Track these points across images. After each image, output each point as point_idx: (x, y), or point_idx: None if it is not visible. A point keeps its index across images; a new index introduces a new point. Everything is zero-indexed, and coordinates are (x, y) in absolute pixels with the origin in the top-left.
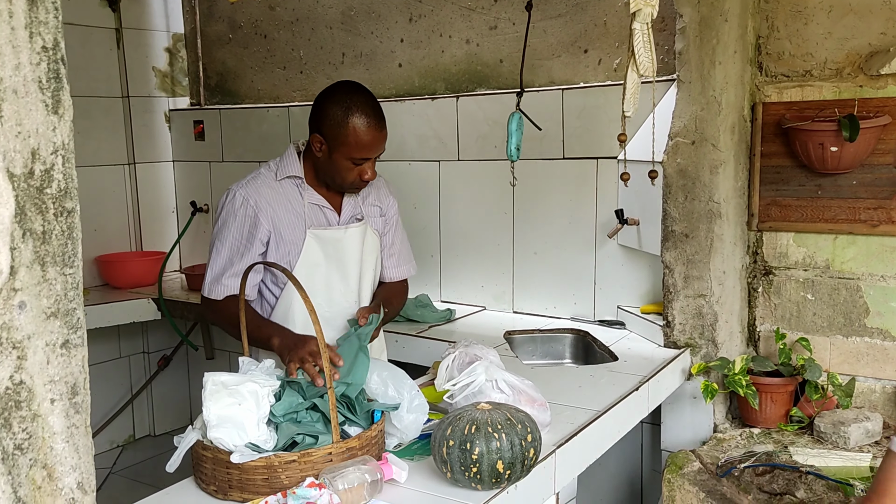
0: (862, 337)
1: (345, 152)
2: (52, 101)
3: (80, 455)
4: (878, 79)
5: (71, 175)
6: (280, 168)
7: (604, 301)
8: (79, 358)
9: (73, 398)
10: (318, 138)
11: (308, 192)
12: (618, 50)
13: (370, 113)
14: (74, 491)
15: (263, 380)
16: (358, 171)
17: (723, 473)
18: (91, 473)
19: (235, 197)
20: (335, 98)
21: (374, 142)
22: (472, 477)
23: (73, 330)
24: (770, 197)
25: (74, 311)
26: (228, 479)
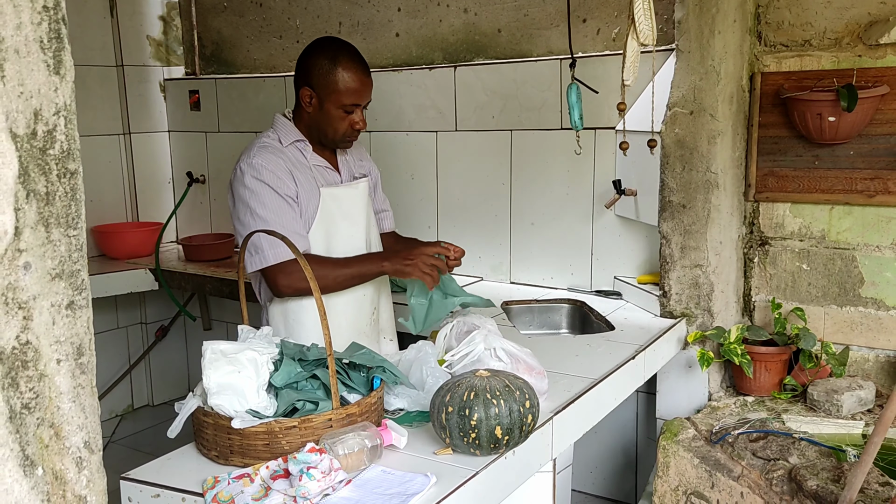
0: (856, 307)
1: (336, 100)
2: (54, 61)
3: (87, 415)
4: (876, 48)
5: (73, 136)
6: (282, 135)
7: (601, 271)
8: (84, 319)
9: (79, 359)
10: (308, 91)
11: (311, 154)
12: (616, 19)
13: (357, 59)
14: (81, 450)
15: (262, 347)
16: (349, 121)
17: (717, 440)
18: (98, 433)
19: (255, 166)
20: (320, 50)
21: (363, 87)
22: (470, 443)
23: (78, 291)
24: (767, 167)
25: (79, 272)
26: (230, 445)
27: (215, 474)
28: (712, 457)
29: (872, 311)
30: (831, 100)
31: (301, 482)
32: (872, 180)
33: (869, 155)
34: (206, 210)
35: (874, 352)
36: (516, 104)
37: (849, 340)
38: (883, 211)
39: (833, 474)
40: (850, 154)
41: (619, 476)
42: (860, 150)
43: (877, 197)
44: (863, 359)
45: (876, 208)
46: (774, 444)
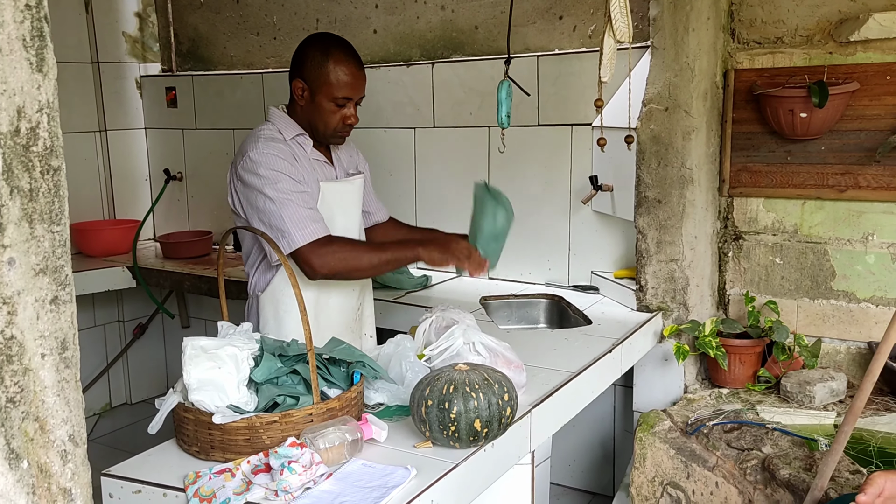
0: (828, 299)
1: (328, 93)
2: (37, 59)
3: (71, 408)
4: (847, 45)
5: (56, 133)
6: (282, 128)
7: (578, 267)
8: (68, 314)
9: (63, 353)
10: (300, 84)
11: (311, 149)
12: (592, 17)
13: (350, 52)
14: (66, 443)
15: (243, 343)
16: (341, 116)
17: (692, 431)
18: (82, 426)
19: (265, 155)
20: (314, 43)
21: (356, 81)
22: (450, 436)
23: (62, 286)
24: (741, 163)
25: (62, 267)
26: (210, 440)
27: (196, 469)
28: (688, 448)
29: (844, 304)
30: (803, 96)
31: (282, 476)
32: (843, 175)
33: (840, 150)
34: (183, 207)
35: (846, 343)
36: (494, 101)
37: (821, 333)
38: (853, 205)
39: (805, 463)
40: (821, 149)
41: (597, 468)
42: (831, 145)
43: (848, 191)
44: (834, 351)
45: (847, 203)
46: (748, 435)
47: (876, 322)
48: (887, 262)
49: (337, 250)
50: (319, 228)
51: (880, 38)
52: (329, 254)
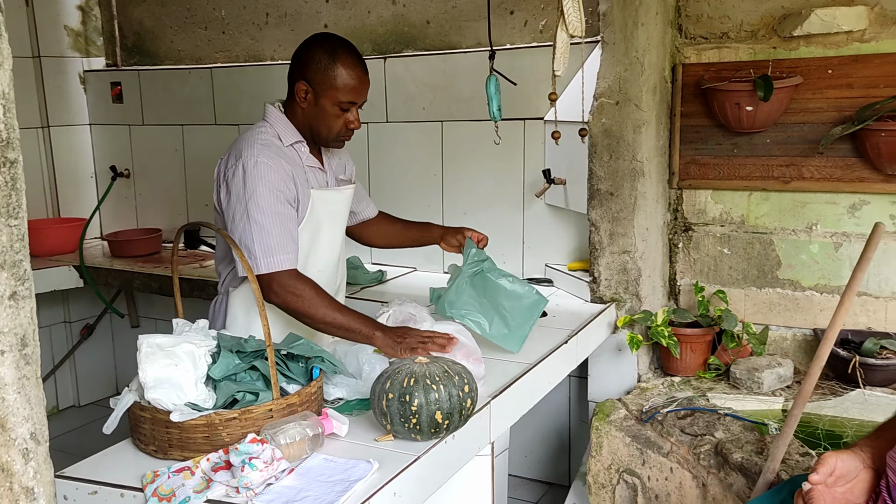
0: (774, 288)
1: (332, 96)
2: None
3: (32, 406)
4: (790, 40)
5: (12, 125)
6: (281, 133)
7: (532, 259)
8: (27, 310)
9: (23, 349)
10: (304, 86)
11: (307, 156)
12: (543, 11)
13: (356, 55)
14: (28, 441)
15: (199, 340)
16: (344, 120)
17: (647, 419)
18: (43, 424)
19: (259, 165)
20: (319, 44)
21: (361, 85)
22: (411, 428)
23: (21, 282)
24: (689, 156)
25: (21, 262)
26: (168, 439)
27: (154, 469)
28: (643, 435)
29: (789, 292)
30: (749, 90)
31: (243, 473)
32: (788, 167)
33: (784, 143)
34: (131, 205)
35: (791, 330)
36: (447, 95)
37: (767, 320)
38: (798, 196)
39: (756, 447)
40: (766, 142)
41: (553, 459)
42: (776, 138)
43: (792, 183)
44: (781, 338)
45: (791, 194)
46: (701, 421)
47: (820, 309)
48: (830, 250)
49: (297, 289)
50: (287, 260)
51: (822, 34)
52: (288, 290)
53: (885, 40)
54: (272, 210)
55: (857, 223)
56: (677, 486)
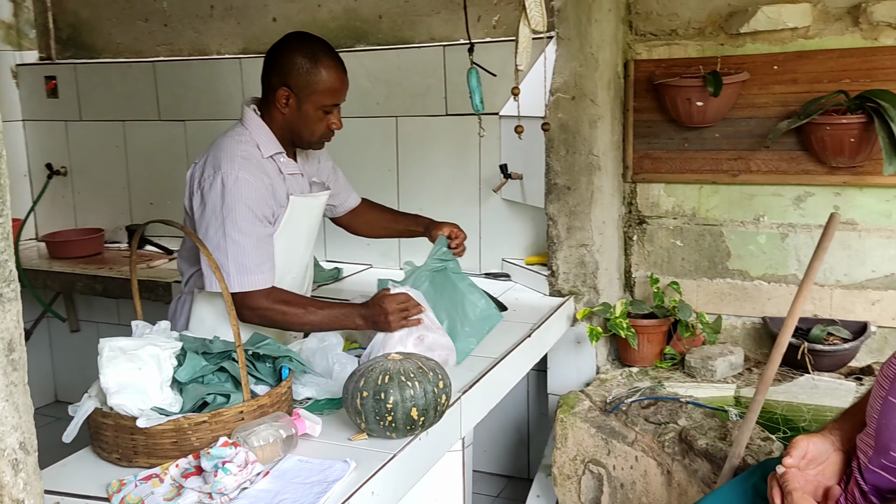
0: (724, 278)
1: (316, 101)
2: None
3: (21, 414)
4: (737, 37)
5: None
6: (261, 143)
7: (489, 254)
8: (13, 312)
9: (10, 354)
10: (286, 92)
11: (286, 164)
12: (496, 7)
13: (336, 56)
14: (17, 451)
15: (164, 342)
16: (327, 122)
17: (611, 409)
18: (32, 433)
19: (239, 181)
20: (296, 48)
21: (343, 86)
22: (387, 426)
23: (6, 283)
24: (643, 150)
25: (6, 262)
26: (133, 446)
27: (120, 477)
28: (608, 425)
29: (739, 282)
30: (699, 86)
31: (217, 478)
32: (736, 160)
33: (732, 137)
34: (69, 204)
35: (741, 319)
36: (401, 90)
37: (718, 310)
38: (746, 189)
39: (719, 433)
40: (715, 136)
41: (513, 453)
42: (724, 132)
43: (740, 176)
44: (731, 326)
45: (740, 186)
46: (664, 409)
47: (768, 298)
48: (777, 241)
49: (276, 307)
50: (262, 279)
51: (768, 30)
52: (261, 310)
53: (827, 37)
54: (250, 229)
55: (801, 214)
56: (642, 474)
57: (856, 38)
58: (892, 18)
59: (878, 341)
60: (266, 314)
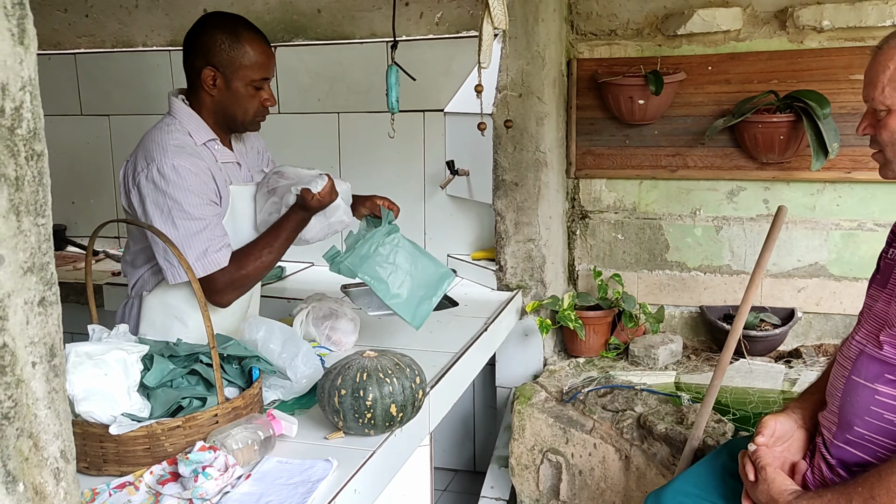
0: (664, 270)
1: (244, 76)
2: (18, 29)
3: (62, 421)
4: (674, 38)
5: (39, 114)
6: (192, 131)
7: (434, 250)
8: (55, 317)
9: (52, 360)
10: (211, 72)
11: (220, 152)
12: (439, 4)
13: (257, 30)
14: (58, 460)
15: (130, 346)
16: (259, 98)
17: (569, 399)
18: (71, 440)
19: (177, 169)
20: (215, 25)
21: (269, 59)
22: (365, 423)
23: (48, 286)
24: (585, 146)
25: (48, 265)
26: (103, 454)
27: (91, 486)
28: (565, 415)
29: (677, 273)
30: (641, 84)
31: (197, 483)
32: (674, 157)
33: (670, 134)
34: None
35: (679, 309)
36: (343, 87)
37: (658, 300)
38: (683, 184)
39: (676, 417)
40: (655, 133)
41: (458, 446)
42: (663, 129)
43: (678, 171)
44: (670, 316)
45: (677, 181)
46: (620, 397)
47: (704, 288)
48: (712, 233)
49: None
50: (221, 257)
51: (703, 32)
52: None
53: (757, 39)
54: (198, 214)
55: (735, 208)
56: (601, 461)
57: (783, 41)
58: (816, 22)
59: (804, 326)
60: (233, 287)
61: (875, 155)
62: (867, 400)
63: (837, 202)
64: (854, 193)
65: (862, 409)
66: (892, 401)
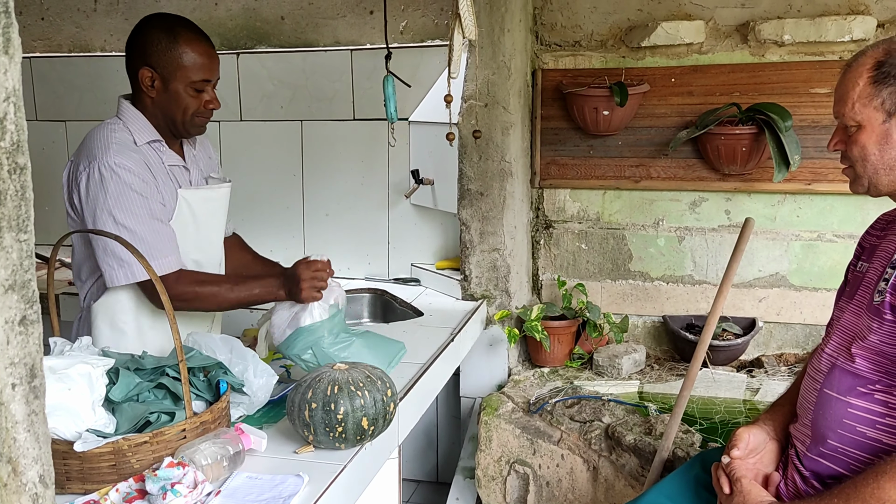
0: (627, 280)
1: (183, 77)
2: (3, 38)
3: (41, 445)
4: (638, 50)
5: (22, 126)
6: (134, 131)
7: (398, 259)
8: (35, 336)
9: (32, 381)
10: (148, 72)
11: (166, 154)
12: (403, 13)
13: (198, 31)
14: (37, 485)
15: (95, 360)
16: (200, 101)
17: (536, 409)
18: (50, 464)
19: (118, 167)
20: (154, 24)
21: (211, 60)
22: (336, 437)
23: (30, 304)
24: (550, 157)
25: (30, 282)
26: (66, 471)
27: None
28: (532, 426)
29: (640, 283)
30: (606, 95)
31: (165, 500)
32: (637, 167)
33: (634, 145)
34: None
35: (642, 318)
36: (306, 94)
37: (622, 310)
38: (646, 194)
39: (644, 428)
40: (619, 144)
41: (421, 457)
42: (627, 140)
43: (641, 182)
44: (633, 325)
45: (641, 192)
46: (588, 408)
47: (667, 298)
48: (675, 243)
49: (185, 291)
50: (167, 263)
51: (666, 45)
52: (182, 294)
53: (719, 52)
54: (142, 213)
55: (697, 218)
56: (569, 472)
57: (745, 55)
58: (777, 37)
59: (765, 336)
60: (179, 299)
61: (846, 170)
62: (840, 413)
63: (797, 213)
64: (814, 205)
65: (835, 423)
66: (864, 413)
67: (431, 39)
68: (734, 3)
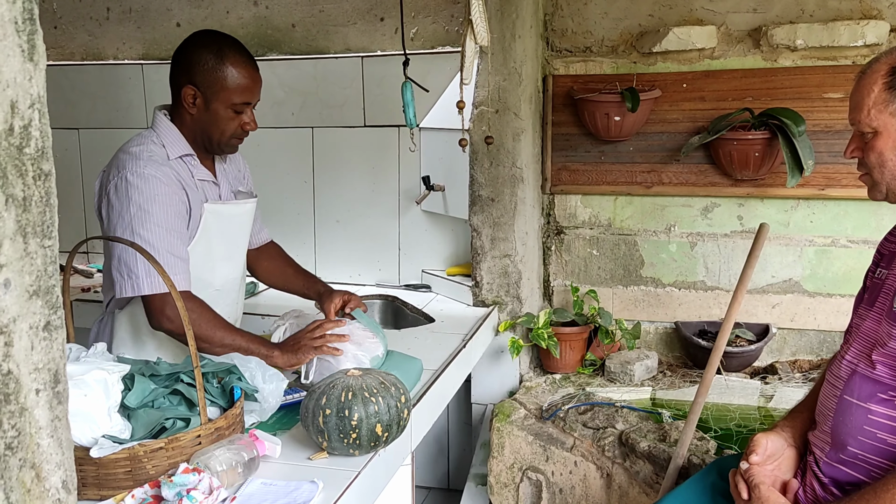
0: (639, 286)
1: (225, 98)
2: (28, 45)
3: (64, 451)
4: (649, 56)
5: (47, 133)
6: (168, 144)
7: (409, 266)
8: (59, 341)
9: (56, 387)
10: (192, 90)
11: (197, 168)
12: (414, 20)
13: (245, 53)
14: (60, 491)
15: (111, 366)
16: (239, 122)
17: (549, 416)
18: (73, 470)
19: (145, 178)
20: (202, 44)
21: (254, 83)
22: (350, 443)
23: (54, 310)
24: (561, 162)
25: (53, 288)
26: (82, 477)
27: None
28: (545, 432)
29: (652, 289)
30: (617, 101)
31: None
32: (649, 173)
33: (646, 150)
34: None
35: (654, 324)
36: (317, 101)
37: (633, 316)
38: (658, 200)
39: (658, 435)
40: (630, 150)
41: (432, 463)
42: (638, 146)
43: (653, 188)
44: (645, 331)
45: (652, 198)
46: (601, 414)
47: (679, 304)
48: (686, 249)
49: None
50: (177, 281)
51: (678, 50)
52: (171, 317)
53: (731, 57)
54: (160, 226)
55: (709, 224)
56: (582, 479)
57: (757, 60)
58: (790, 41)
59: (778, 342)
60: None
61: (863, 177)
62: (860, 420)
63: (811, 219)
64: (827, 210)
65: (855, 429)
66: (885, 420)
67: (442, 46)
68: (746, 8)
